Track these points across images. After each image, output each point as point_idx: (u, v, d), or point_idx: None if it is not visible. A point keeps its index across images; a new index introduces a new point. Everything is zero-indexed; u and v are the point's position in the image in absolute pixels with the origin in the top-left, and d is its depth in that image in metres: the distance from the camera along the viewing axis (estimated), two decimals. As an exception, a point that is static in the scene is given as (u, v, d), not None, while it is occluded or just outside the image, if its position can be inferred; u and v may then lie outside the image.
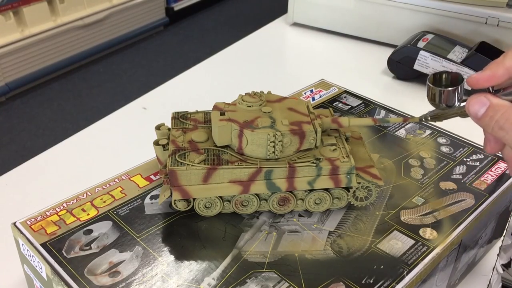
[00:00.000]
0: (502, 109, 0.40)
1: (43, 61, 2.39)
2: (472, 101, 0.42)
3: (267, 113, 0.52)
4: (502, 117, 0.40)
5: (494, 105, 0.40)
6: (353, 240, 0.50)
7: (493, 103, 0.40)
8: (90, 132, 0.87)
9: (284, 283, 0.45)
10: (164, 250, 0.48)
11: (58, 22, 2.40)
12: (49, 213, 0.52)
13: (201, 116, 0.57)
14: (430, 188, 0.57)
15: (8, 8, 2.20)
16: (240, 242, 0.49)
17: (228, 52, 1.14)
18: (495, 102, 0.40)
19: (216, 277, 0.45)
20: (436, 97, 0.45)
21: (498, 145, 0.44)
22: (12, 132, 2.08)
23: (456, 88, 0.44)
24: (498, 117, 0.40)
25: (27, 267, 0.52)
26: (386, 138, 0.66)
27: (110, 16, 2.62)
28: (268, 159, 0.51)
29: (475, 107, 0.41)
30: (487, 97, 0.41)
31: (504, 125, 0.39)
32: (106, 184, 0.56)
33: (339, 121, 0.54)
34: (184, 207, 0.51)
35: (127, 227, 0.51)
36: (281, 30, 1.24)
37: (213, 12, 3.26)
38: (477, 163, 0.61)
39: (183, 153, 0.51)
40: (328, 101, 0.74)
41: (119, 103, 0.97)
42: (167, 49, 2.80)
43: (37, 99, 2.32)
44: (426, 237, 0.51)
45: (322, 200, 0.53)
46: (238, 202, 0.52)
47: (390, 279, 0.46)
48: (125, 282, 0.45)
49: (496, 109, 0.40)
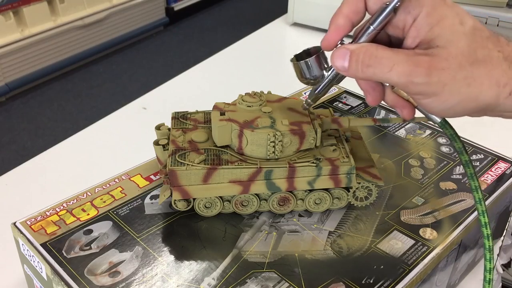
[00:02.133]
0: (362, 49, 0.40)
1: (43, 61, 2.39)
2: (334, 57, 0.42)
3: (267, 113, 0.52)
4: (365, 56, 0.40)
5: (354, 50, 0.40)
6: (353, 240, 0.50)
7: (352, 49, 0.40)
8: (90, 132, 0.87)
9: (284, 283, 0.45)
10: (164, 250, 0.48)
11: (58, 22, 2.40)
12: (49, 213, 0.52)
13: (201, 116, 0.57)
14: (430, 188, 0.57)
15: (8, 8, 2.20)
16: (240, 242, 0.49)
17: (228, 52, 1.14)
18: (354, 47, 0.40)
19: (216, 277, 0.45)
20: (303, 73, 0.46)
21: (378, 92, 0.44)
22: (12, 132, 2.08)
23: (317, 56, 0.45)
24: (361, 58, 0.40)
25: (27, 267, 0.52)
26: (386, 138, 0.66)
27: (110, 16, 2.62)
28: (268, 159, 0.51)
29: (339, 61, 0.41)
30: (345, 47, 0.41)
31: (370, 61, 0.39)
32: (106, 184, 0.56)
33: (339, 121, 0.54)
34: (184, 207, 0.51)
35: (127, 227, 0.51)
36: (281, 30, 1.24)
37: (213, 12, 3.26)
38: (477, 163, 0.61)
39: (183, 153, 0.51)
40: (328, 101, 0.74)
41: (119, 103, 0.98)
42: (167, 49, 2.80)
43: (37, 99, 2.32)
44: (426, 237, 0.51)
45: (322, 200, 0.53)
46: (238, 202, 0.52)
47: (390, 279, 0.46)
48: (125, 282, 0.45)
49: (356, 52, 0.40)
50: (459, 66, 0.38)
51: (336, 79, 0.46)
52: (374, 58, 0.39)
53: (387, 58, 0.39)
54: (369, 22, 0.41)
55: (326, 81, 0.46)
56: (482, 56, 0.38)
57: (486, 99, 0.39)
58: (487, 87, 0.38)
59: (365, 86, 0.44)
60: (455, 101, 0.39)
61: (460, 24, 0.38)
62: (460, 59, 0.38)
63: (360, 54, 0.40)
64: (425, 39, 0.39)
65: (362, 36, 0.41)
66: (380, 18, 0.40)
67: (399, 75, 0.38)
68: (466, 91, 0.38)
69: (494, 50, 0.39)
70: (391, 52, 0.39)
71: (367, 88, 0.44)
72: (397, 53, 0.39)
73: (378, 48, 0.39)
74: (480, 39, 0.38)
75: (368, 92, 0.44)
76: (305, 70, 0.46)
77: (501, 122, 0.81)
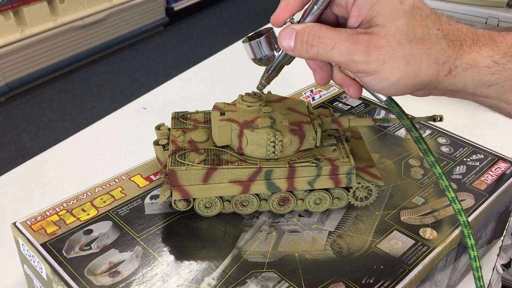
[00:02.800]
0: (306, 30, 0.41)
1: (43, 61, 2.38)
2: (281, 37, 0.43)
3: (267, 113, 0.52)
4: (309, 36, 0.41)
5: (299, 30, 0.41)
6: (353, 240, 0.50)
7: (297, 29, 0.42)
8: (90, 132, 0.86)
9: (284, 283, 0.45)
10: (164, 250, 0.48)
11: (58, 22, 2.40)
12: (49, 213, 0.52)
13: (201, 116, 0.57)
14: (430, 188, 0.57)
15: (8, 8, 2.20)
16: (240, 242, 0.49)
17: (228, 52, 1.14)
18: (299, 27, 0.42)
19: (216, 277, 0.45)
20: (255, 53, 0.47)
21: (325, 71, 0.45)
22: (12, 132, 2.08)
23: (266, 36, 0.46)
24: (306, 38, 0.41)
25: (27, 267, 0.52)
26: (386, 138, 0.66)
27: (110, 16, 2.62)
28: (268, 159, 0.51)
29: (285, 41, 0.42)
30: (291, 27, 0.42)
31: (313, 41, 0.40)
32: (106, 184, 0.56)
33: (339, 121, 0.54)
34: (184, 207, 0.51)
35: (127, 227, 0.51)
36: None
37: (213, 12, 3.26)
38: (477, 163, 0.61)
39: (183, 153, 0.51)
40: (328, 101, 0.74)
41: (119, 103, 0.97)
42: (167, 49, 2.79)
43: (37, 99, 2.32)
44: (426, 237, 0.51)
45: (322, 200, 0.53)
46: (238, 202, 0.52)
47: (390, 279, 0.46)
48: (125, 282, 0.45)
49: (301, 33, 0.41)
50: (398, 44, 0.38)
51: (286, 59, 0.48)
52: (317, 38, 0.40)
53: (329, 37, 0.40)
54: (313, 2, 0.42)
55: (276, 61, 0.48)
56: (421, 34, 0.39)
57: (425, 77, 0.39)
58: (426, 65, 0.39)
59: (313, 66, 0.45)
60: (395, 79, 0.39)
61: (399, 3, 0.39)
62: (398, 37, 0.38)
63: (305, 34, 0.41)
64: (366, 18, 0.40)
65: (307, 16, 0.42)
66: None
67: (340, 54, 0.40)
68: (405, 68, 0.39)
69: (433, 28, 0.39)
70: (333, 31, 0.40)
71: (314, 67, 0.45)
72: (339, 32, 0.40)
73: (322, 28, 0.41)
74: (419, 17, 0.39)
75: (316, 72, 0.45)
76: (257, 50, 0.47)
77: (501, 122, 0.81)
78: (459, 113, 0.87)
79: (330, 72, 0.45)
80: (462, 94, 0.42)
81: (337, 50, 0.40)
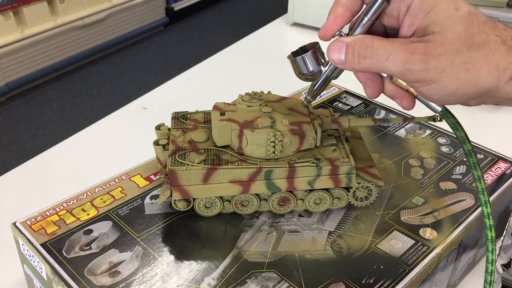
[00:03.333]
0: (357, 41, 0.40)
1: (43, 61, 2.38)
2: (330, 50, 0.41)
3: (267, 113, 0.52)
4: (361, 48, 0.40)
5: (349, 43, 0.40)
6: (353, 240, 0.50)
7: (348, 41, 0.40)
8: (90, 132, 0.87)
9: (284, 283, 0.45)
10: (164, 250, 0.48)
11: (58, 22, 2.40)
12: (49, 213, 0.52)
13: (201, 116, 0.57)
14: (430, 188, 0.57)
15: (8, 8, 2.20)
16: (240, 242, 0.49)
17: (228, 52, 1.14)
18: (349, 40, 0.40)
19: (216, 277, 0.45)
20: (300, 69, 0.46)
21: (377, 84, 0.44)
22: (12, 132, 2.08)
23: (313, 51, 0.45)
24: (358, 49, 0.40)
25: (27, 267, 0.52)
26: (386, 138, 0.66)
27: (110, 16, 2.62)
28: (268, 159, 0.51)
29: (335, 55, 0.41)
30: (340, 40, 0.41)
31: (366, 52, 0.39)
32: (106, 184, 0.56)
33: (339, 121, 0.54)
34: (184, 207, 0.51)
35: (127, 227, 0.51)
36: (281, 30, 1.24)
37: (213, 12, 3.26)
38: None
39: (183, 153, 0.51)
40: (328, 101, 0.74)
41: (119, 103, 0.97)
42: (167, 49, 2.80)
43: (37, 99, 2.32)
44: (426, 237, 0.51)
45: (322, 200, 0.53)
46: (238, 202, 0.52)
47: (390, 279, 0.46)
48: (125, 282, 0.45)
49: (352, 44, 0.40)
50: (456, 51, 0.37)
51: (334, 74, 0.46)
52: (370, 49, 0.39)
53: (383, 48, 0.39)
54: (363, 13, 0.41)
55: (324, 76, 0.46)
56: (479, 40, 0.38)
57: (486, 84, 0.38)
58: (486, 72, 0.38)
59: (363, 79, 0.44)
60: (454, 87, 0.38)
61: (455, 9, 0.38)
62: (457, 44, 0.37)
63: (356, 46, 0.40)
64: (421, 27, 0.39)
65: (357, 28, 0.41)
66: (373, 8, 0.40)
67: (395, 64, 0.38)
68: (465, 76, 0.38)
69: (491, 35, 0.38)
70: (386, 41, 0.39)
71: (365, 80, 0.43)
72: (392, 42, 0.39)
73: (374, 39, 0.39)
74: (476, 24, 0.38)
75: (366, 85, 0.44)
76: (302, 66, 0.46)
77: (501, 122, 0.81)
78: (459, 113, 0.87)
79: (382, 85, 0.44)
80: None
81: (392, 60, 0.38)
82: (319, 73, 0.46)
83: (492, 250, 0.45)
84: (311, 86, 0.48)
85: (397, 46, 0.38)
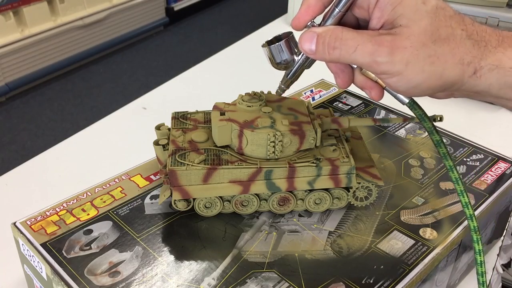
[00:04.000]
0: (328, 32, 0.41)
1: (43, 61, 2.38)
2: (302, 40, 0.42)
3: (267, 113, 0.52)
4: (331, 39, 0.41)
5: (320, 33, 0.41)
6: (353, 240, 0.50)
7: (318, 32, 0.41)
8: (90, 132, 0.86)
9: (284, 283, 0.45)
10: (164, 250, 0.48)
11: (58, 22, 2.40)
12: (49, 213, 0.52)
13: (201, 116, 0.57)
14: (430, 188, 0.57)
15: (8, 8, 2.20)
16: (240, 242, 0.49)
17: (228, 52, 1.14)
18: (320, 30, 0.41)
19: (216, 277, 0.45)
20: (274, 57, 0.47)
21: (347, 74, 0.45)
22: (12, 132, 2.08)
23: (286, 40, 0.46)
24: (327, 40, 0.41)
25: (27, 267, 0.52)
26: (386, 138, 0.66)
27: (110, 16, 2.62)
28: (268, 159, 0.51)
29: (306, 45, 0.42)
30: (312, 30, 0.42)
31: (335, 43, 0.40)
32: (106, 184, 0.56)
33: (339, 121, 0.54)
34: (184, 207, 0.51)
35: (127, 227, 0.51)
36: (281, 30, 1.24)
37: (213, 12, 3.26)
38: (477, 163, 0.61)
39: (183, 153, 0.51)
40: (328, 101, 0.74)
41: (119, 103, 0.97)
42: (167, 49, 2.80)
43: (37, 99, 2.32)
44: (426, 237, 0.51)
45: (322, 200, 0.53)
46: (238, 202, 0.52)
47: (390, 279, 0.46)
48: (125, 282, 0.45)
49: (323, 35, 0.41)
50: (422, 45, 0.38)
51: (306, 63, 0.47)
52: (340, 40, 0.40)
53: (352, 39, 0.40)
54: (334, 4, 0.42)
55: (296, 65, 0.47)
56: (445, 34, 0.38)
57: (450, 77, 0.39)
58: (451, 65, 0.38)
59: (334, 69, 0.45)
60: (419, 80, 0.39)
61: (422, 3, 0.39)
62: (422, 38, 0.38)
63: (326, 36, 0.41)
64: (389, 20, 0.39)
65: (328, 18, 0.42)
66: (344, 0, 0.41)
67: (363, 55, 0.39)
68: (430, 69, 0.38)
69: (457, 29, 0.39)
70: (355, 33, 0.40)
71: (336, 70, 0.45)
72: (361, 34, 0.40)
73: (344, 30, 0.40)
74: (443, 18, 0.39)
75: (337, 75, 0.45)
76: (276, 54, 0.47)
77: (501, 122, 0.81)
78: (459, 113, 0.87)
79: (352, 75, 0.45)
80: (485, 95, 0.41)
81: (360, 52, 0.39)
82: (293, 62, 0.47)
83: None
84: (285, 75, 0.49)
85: (366, 38, 0.39)
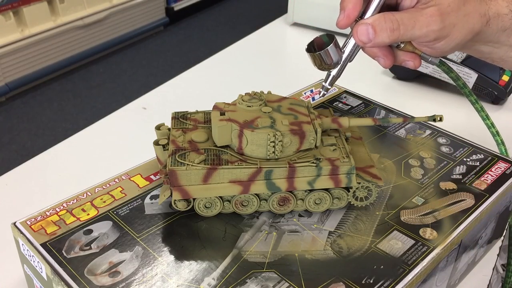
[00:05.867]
0: (381, 19, 0.47)
1: (43, 61, 2.39)
2: (356, 35, 0.48)
3: (267, 113, 0.52)
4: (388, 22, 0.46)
5: (374, 22, 0.47)
6: (353, 240, 0.50)
7: (371, 22, 0.47)
8: (90, 132, 0.87)
9: (284, 283, 0.45)
10: (164, 250, 0.48)
11: (58, 22, 2.40)
12: (49, 213, 0.52)
13: (201, 116, 0.57)
14: (430, 188, 0.57)
15: (8, 8, 2.20)
16: (240, 242, 0.49)
17: (228, 52, 1.15)
18: (372, 20, 0.47)
19: (216, 277, 0.46)
20: (324, 61, 0.50)
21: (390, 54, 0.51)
22: (12, 132, 2.08)
23: (334, 42, 0.50)
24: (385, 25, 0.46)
25: (27, 267, 0.52)
26: (386, 138, 0.66)
27: (110, 16, 2.62)
28: (268, 159, 0.51)
29: (363, 37, 0.47)
30: (363, 23, 0.47)
31: (393, 25, 0.46)
32: (106, 184, 0.56)
33: (339, 121, 0.54)
34: (184, 207, 0.51)
35: (127, 227, 0.51)
36: (281, 30, 1.24)
37: (213, 12, 3.26)
38: (477, 163, 0.61)
39: (183, 153, 0.51)
40: (328, 101, 0.74)
41: (119, 103, 0.98)
42: (167, 49, 2.80)
43: (37, 99, 2.32)
44: (426, 237, 0.51)
45: (322, 200, 0.53)
46: (238, 202, 0.52)
47: (390, 279, 0.46)
48: (125, 282, 0.45)
49: (377, 22, 0.47)
50: (458, 8, 0.47)
51: (352, 58, 0.52)
52: (396, 22, 0.46)
53: (407, 18, 0.46)
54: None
55: (345, 62, 0.51)
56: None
57: (476, 29, 0.48)
58: (477, 19, 0.48)
59: (379, 53, 0.50)
60: (461, 37, 0.48)
61: None
62: (457, 3, 0.47)
63: (382, 22, 0.46)
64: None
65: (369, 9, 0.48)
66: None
67: (421, 28, 0.46)
68: (467, 26, 0.47)
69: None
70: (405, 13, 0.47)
71: (380, 54, 0.50)
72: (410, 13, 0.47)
73: (394, 14, 0.47)
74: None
75: (384, 57, 0.50)
76: (326, 58, 0.50)
77: (501, 122, 0.81)
78: (459, 113, 0.87)
79: (394, 54, 0.51)
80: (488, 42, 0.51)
81: (418, 26, 0.46)
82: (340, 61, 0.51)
83: None
84: (327, 75, 0.52)
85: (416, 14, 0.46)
